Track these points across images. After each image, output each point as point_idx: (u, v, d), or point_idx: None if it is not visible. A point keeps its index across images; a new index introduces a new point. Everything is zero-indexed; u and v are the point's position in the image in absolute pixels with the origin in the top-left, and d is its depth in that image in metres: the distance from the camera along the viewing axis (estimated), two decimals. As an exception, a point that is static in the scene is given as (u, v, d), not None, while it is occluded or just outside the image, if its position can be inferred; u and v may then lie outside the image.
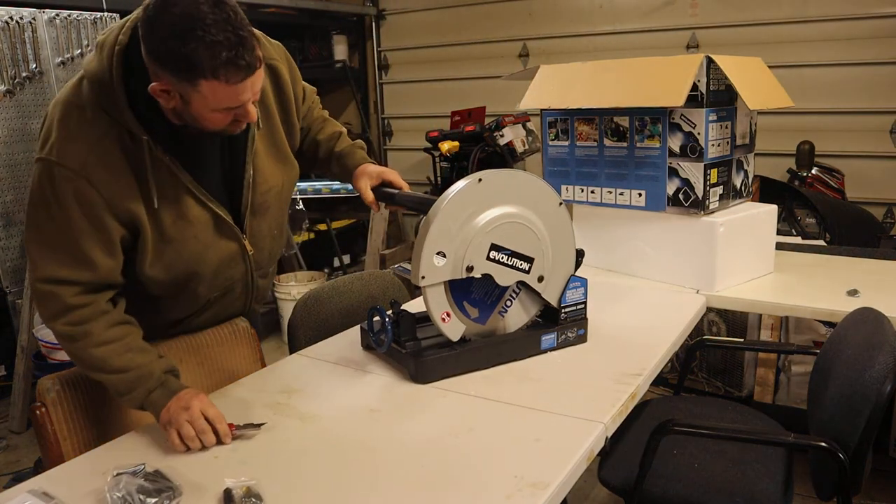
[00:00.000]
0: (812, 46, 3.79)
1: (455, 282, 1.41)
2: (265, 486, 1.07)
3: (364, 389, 1.43)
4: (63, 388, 1.34)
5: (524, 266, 1.46)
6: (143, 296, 1.41)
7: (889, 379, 1.32)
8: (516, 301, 1.52)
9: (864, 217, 3.46)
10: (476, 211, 1.40)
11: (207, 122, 1.23)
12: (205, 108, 1.20)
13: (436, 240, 1.37)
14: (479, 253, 1.40)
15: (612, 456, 1.65)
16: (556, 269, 1.52)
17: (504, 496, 1.03)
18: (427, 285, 1.38)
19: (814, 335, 2.81)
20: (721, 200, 2.00)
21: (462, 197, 1.38)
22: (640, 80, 1.98)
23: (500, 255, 1.42)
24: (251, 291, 1.57)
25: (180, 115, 1.24)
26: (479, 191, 1.39)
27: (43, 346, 3.20)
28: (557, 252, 1.51)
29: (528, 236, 1.45)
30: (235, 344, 1.60)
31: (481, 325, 1.49)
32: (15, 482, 1.51)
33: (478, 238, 1.39)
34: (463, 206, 1.38)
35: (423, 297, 1.40)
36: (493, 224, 1.40)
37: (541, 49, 4.62)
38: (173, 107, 1.22)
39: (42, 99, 3.30)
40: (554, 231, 1.50)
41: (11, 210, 3.22)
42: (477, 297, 1.47)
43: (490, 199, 1.41)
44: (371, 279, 2.10)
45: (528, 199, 1.45)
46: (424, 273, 1.37)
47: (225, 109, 1.21)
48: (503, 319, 1.52)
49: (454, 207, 1.37)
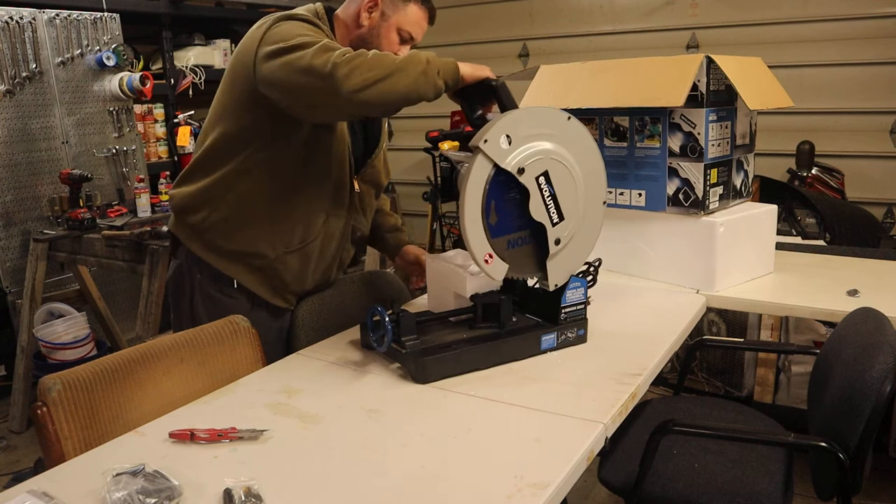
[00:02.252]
0: (812, 46, 3.79)
1: (497, 180, 1.41)
2: (265, 486, 1.07)
3: (364, 389, 1.43)
4: (64, 387, 1.34)
5: (554, 216, 1.47)
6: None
7: (889, 379, 1.32)
8: (520, 249, 1.50)
9: (864, 217, 3.46)
10: (552, 136, 1.44)
11: (386, 41, 1.65)
12: (399, 25, 1.65)
13: (512, 124, 1.40)
14: (533, 168, 1.43)
15: (612, 456, 1.65)
16: (570, 254, 1.53)
17: (504, 496, 1.03)
18: (483, 152, 1.38)
19: (814, 335, 2.81)
20: (721, 200, 2.00)
21: (550, 115, 1.45)
22: (640, 80, 1.98)
23: (545, 187, 1.45)
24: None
25: (368, 32, 1.65)
26: (562, 124, 1.46)
27: (43, 346, 3.21)
28: (579, 241, 1.53)
29: (572, 197, 1.49)
30: (235, 344, 1.60)
31: (491, 240, 1.45)
32: (15, 482, 1.51)
33: (541, 155, 1.43)
34: (547, 123, 1.44)
35: (469, 165, 1.39)
36: (558, 158, 1.45)
37: (541, 49, 4.62)
38: (367, 25, 1.65)
39: (42, 99, 3.30)
40: (587, 219, 1.53)
41: (11, 210, 3.22)
42: (505, 208, 1.45)
43: (566, 140, 1.46)
44: (371, 279, 2.10)
45: (590, 171, 1.51)
46: (488, 139, 1.38)
47: (407, 36, 1.67)
48: (496, 264, 1.48)
49: (541, 115, 1.45)
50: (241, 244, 1.69)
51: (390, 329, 1.43)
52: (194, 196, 1.69)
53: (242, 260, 1.71)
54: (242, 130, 1.62)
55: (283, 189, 1.65)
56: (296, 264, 1.74)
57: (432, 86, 1.46)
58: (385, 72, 1.41)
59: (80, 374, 1.36)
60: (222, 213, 1.67)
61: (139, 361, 1.44)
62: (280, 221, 1.68)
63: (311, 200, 1.70)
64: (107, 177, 3.60)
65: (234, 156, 1.63)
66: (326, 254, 1.80)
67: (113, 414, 1.40)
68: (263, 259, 1.70)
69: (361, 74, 1.40)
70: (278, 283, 1.75)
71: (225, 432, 1.23)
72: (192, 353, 1.53)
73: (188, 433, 1.23)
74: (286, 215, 1.68)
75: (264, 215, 1.67)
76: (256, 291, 1.74)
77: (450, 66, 1.48)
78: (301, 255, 1.73)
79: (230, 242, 1.69)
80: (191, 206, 1.70)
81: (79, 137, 3.47)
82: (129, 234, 2.90)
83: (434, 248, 1.80)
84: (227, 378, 1.52)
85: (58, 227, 3.23)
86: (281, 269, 1.72)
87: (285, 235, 1.69)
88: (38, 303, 3.20)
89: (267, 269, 1.71)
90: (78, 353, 3.22)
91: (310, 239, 1.72)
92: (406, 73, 1.43)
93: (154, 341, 1.51)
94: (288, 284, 1.76)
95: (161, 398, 1.43)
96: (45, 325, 3.19)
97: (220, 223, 1.68)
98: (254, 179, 1.64)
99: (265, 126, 1.60)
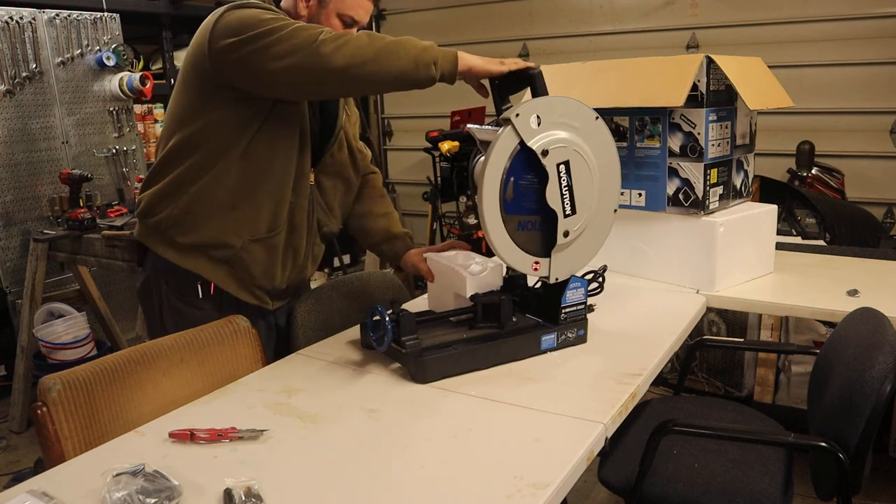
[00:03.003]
0: (812, 46, 3.79)
1: (520, 157, 1.43)
2: (265, 486, 1.07)
3: (364, 389, 1.43)
4: (64, 387, 1.34)
5: (567, 207, 1.48)
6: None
7: (889, 379, 1.32)
8: (529, 233, 1.50)
9: (864, 217, 3.46)
10: (579, 130, 1.47)
11: (327, 25, 1.57)
12: (339, 10, 1.59)
13: (545, 107, 1.43)
14: (557, 154, 1.44)
15: (612, 456, 1.65)
16: (576, 250, 1.53)
17: (504, 496, 1.03)
18: (513, 125, 1.40)
19: (814, 335, 2.81)
20: (721, 200, 2.00)
21: (581, 110, 1.47)
22: (640, 80, 1.98)
23: (563, 176, 1.46)
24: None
25: (308, 21, 1.58)
26: (591, 122, 1.49)
27: (43, 346, 3.21)
28: (586, 239, 1.54)
29: (587, 193, 1.50)
30: (235, 344, 1.60)
31: (504, 215, 1.46)
32: (15, 482, 1.51)
33: (566, 144, 1.44)
34: (577, 116, 1.47)
35: (497, 135, 1.41)
36: (581, 152, 1.47)
37: (541, 49, 4.62)
38: (306, 14, 1.60)
39: (42, 99, 3.30)
40: (598, 219, 1.54)
41: (11, 210, 3.23)
42: (522, 189, 1.46)
43: (590, 138, 1.48)
44: (371, 279, 2.10)
45: (607, 175, 1.53)
46: (520, 113, 1.40)
47: (350, 21, 1.61)
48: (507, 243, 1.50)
49: (573, 107, 1.46)
50: (204, 236, 1.63)
51: (390, 329, 1.43)
52: (155, 195, 1.66)
53: (206, 253, 1.65)
54: (203, 128, 1.58)
55: (245, 177, 1.61)
56: (262, 255, 1.67)
57: (424, 73, 1.44)
58: (375, 51, 1.41)
59: (80, 374, 1.36)
60: (183, 207, 1.62)
61: (139, 361, 1.44)
62: (244, 209, 1.63)
63: (275, 189, 1.65)
64: (107, 177, 3.60)
65: (195, 151, 1.60)
66: (295, 248, 1.74)
67: (113, 414, 1.39)
68: (229, 249, 1.64)
69: (349, 50, 1.40)
70: (245, 276, 1.69)
71: (225, 432, 1.23)
72: (192, 353, 1.53)
73: (188, 433, 1.23)
74: (250, 203, 1.63)
75: (227, 204, 1.62)
76: (222, 286, 1.68)
77: (449, 56, 1.46)
78: (267, 246, 1.67)
79: (193, 235, 1.63)
80: (153, 205, 1.66)
81: (79, 137, 3.47)
82: (129, 234, 2.90)
83: (434, 247, 1.80)
84: (227, 378, 1.52)
85: (58, 227, 3.23)
86: (247, 259, 1.66)
87: (250, 223, 1.64)
88: (38, 303, 3.20)
89: (233, 259, 1.66)
90: (78, 353, 3.22)
91: (276, 229, 1.67)
92: (397, 56, 1.42)
93: (154, 341, 1.51)
94: (255, 277, 1.70)
95: (161, 398, 1.43)
96: (45, 325, 3.19)
97: (182, 216, 1.63)
98: (216, 170, 1.60)
99: (227, 120, 1.57)
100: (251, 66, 1.47)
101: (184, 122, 1.61)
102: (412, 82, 1.45)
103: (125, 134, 3.66)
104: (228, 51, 1.48)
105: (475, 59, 1.50)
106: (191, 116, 1.60)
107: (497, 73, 1.50)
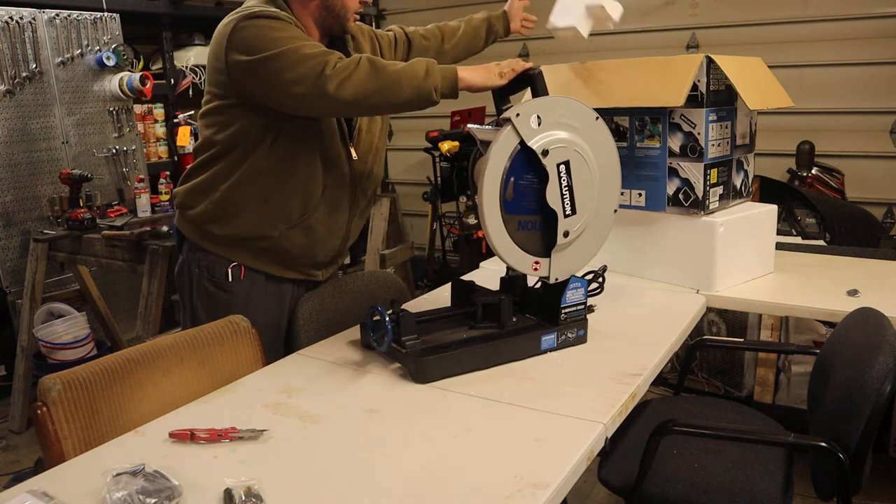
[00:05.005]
0: (812, 46, 3.79)
1: (520, 157, 1.43)
2: (265, 486, 1.07)
3: (364, 389, 1.43)
4: (64, 387, 1.34)
5: (567, 207, 1.48)
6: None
7: (889, 379, 1.32)
8: (529, 233, 1.50)
9: (864, 217, 3.47)
10: (579, 130, 1.48)
11: (349, 2, 1.65)
12: None
13: (545, 107, 1.44)
14: (557, 154, 1.45)
15: (612, 456, 1.65)
16: (575, 251, 1.54)
17: (504, 496, 1.03)
18: (513, 125, 1.41)
19: (814, 335, 2.81)
20: (721, 200, 2.00)
21: (581, 110, 1.48)
22: (640, 80, 1.98)
23: (564, 176, 1.46)
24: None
25: (326, 8, 1.65)
26: (591, 123, 1.50)
27: (43, 346, 3.21)
28: (585, 240, 1.54)
29: (587, 194, 1.50)
30: (235, 344, 1.60)
31: (504, 215, 1.47)
32: (15, 482, 1.51)
33: (566, 144, 1.45)
34: (577, 116, 1.48)
35: (497, 135, 1.42)
36: (581, 153, 1.47)
37: (541, 49, 4.62)
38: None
39: (42, 99, 3.30)
40: (597, 220, 1.54)
41: (11, 210, 3.22)
42: (522, 189, 1.47)
43: (591, 139, 1.49)
44: (371, 279, 2.10)
45: (607, 176, 1.54)
46: (521, 113, 1.41)
47: None
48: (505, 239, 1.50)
49: (574, 108, 1.47)
50: (241, 230, 1.74)
51: (390, 329, 1.43)
52: (192, 191, 1.77)
53: (246, 245, 1.76)
54: (233, 129, 1.68)
55: (275, 172, 1.69)
56: (301, 239, 1.77)
57: (426, 99, 1.52)
58: (379, 85, 1.48)
59: (80, 374, 1.36)
60: (218, 203, 1.73)
61: (139, 361, 1.44)
62: (276, 202, 1.72)
63: (305, 180, 1.72)
64: (107, 177, 3.59)
65: (226, 152, 1.70)
66: (335, 224, 1.82)
67: (113, 414, 1.40)
68: (268, 240, 1.75)
69: (353, 86, 1.47)
70: (288, 260, 1.80)
71: (225, 432, 1.24)
72: (192, 353, 1.53)
73: (188, 433, 1.23)
74: (282, 195, 1.71)
75: (259, 199, 1.71)
76: (269, 271, 1.79)
77: (448, 78, 1.52)
78: (304, 230, 1.77)
79: (230, 228, 1.74)
80: (190, 201, 1.78)
81: (79, 137, 3.47)
82: (129, 234, 2.90)
83: (434, 247, 1.80)
84: (227, 378, 1.52)
85: (58, 227, 3.23)
86: (287, 245, 1.77)
87: (283, 214, 1.73)
88: (38, 303, 3.20)
89: (273, 248, 1.76)
90: (78, 353, 3.22)
91: (310, 212, 1.75)
92: (400, 87, 1.49)
93: (154, 341, 1.51)
94: (297, 258, 1.81)
95: (161, 398, 1.43)
96: (45, 325, 3.19)
97: (218, 212, 1.73)
98: (246, 167, 1.69)
99: (254, 123, 1.66)
100: (266, 88, 1.56)
101: (214, 123, 1.71)
102: (414, 108, 1.55)
103: (125, 134, 3.66)
104: (243, 68, 1.56)
105: (475, 77, 1.54)
106: (221, 118, 1.69)
107: (497, 87, 1.55)
